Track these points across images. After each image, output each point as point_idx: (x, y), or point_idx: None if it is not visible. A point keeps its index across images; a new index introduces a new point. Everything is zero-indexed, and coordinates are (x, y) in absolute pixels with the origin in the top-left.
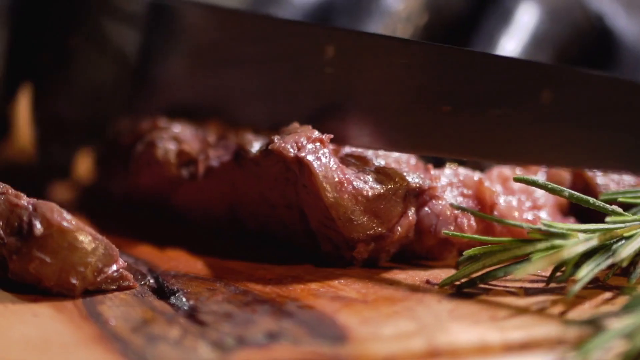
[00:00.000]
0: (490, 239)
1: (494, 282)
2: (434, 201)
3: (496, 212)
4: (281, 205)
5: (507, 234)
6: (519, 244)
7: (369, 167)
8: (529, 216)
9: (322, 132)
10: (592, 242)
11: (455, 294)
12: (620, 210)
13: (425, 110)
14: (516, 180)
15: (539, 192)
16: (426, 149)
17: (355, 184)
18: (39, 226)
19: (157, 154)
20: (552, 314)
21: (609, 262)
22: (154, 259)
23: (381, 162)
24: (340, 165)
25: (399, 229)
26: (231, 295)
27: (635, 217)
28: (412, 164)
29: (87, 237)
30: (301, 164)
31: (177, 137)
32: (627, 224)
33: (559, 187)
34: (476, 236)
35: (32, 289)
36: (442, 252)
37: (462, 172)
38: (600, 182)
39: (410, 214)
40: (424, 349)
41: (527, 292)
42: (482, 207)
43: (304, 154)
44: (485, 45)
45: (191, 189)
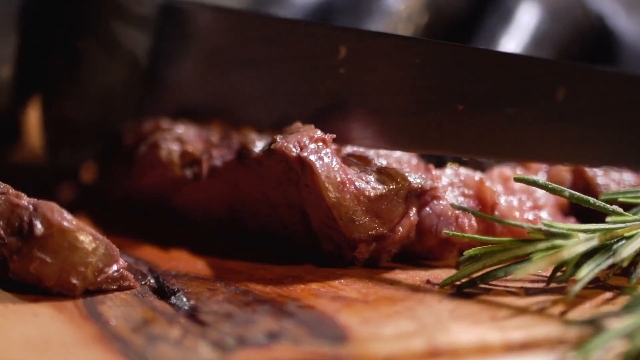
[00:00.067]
0: (490, 239)
1: (494, 282)
2: (435, 201)
3: (497, 212)
4: (283, 205)
5: (507, 234)
6: (519, 244)
7: (370, 167)
8: (530, 216)
9: (332, 132)
10: (593, 242)
11: (455, 293)
12: (620, 210)
13: (439, 109)
14: (517, 180)
15: (540, 192)
16: (439, 149)
17: (357, 184)
18: (39, 226)
19: (160, 155)
20: (552, 314)
21: (610, 262)
22: (154, 259)
23: (383, 162)
24: (342, 165)
25: (401, 229)
26: (232, 295)
27: (635, 217)
28: (413, 164)
29: (87, 237)
30: (303, 164)
31: (180, 137)
32: (628, 224)
33: (560, 187)
34: (477, 236)
35: (33, 289)
36: (442, 252)
37: (463, 172)
38: (600, 182)
39: (411, 214)
40: (424, 349)
41: (528, 292)
42: (483, 207)
43: (306, 153)
44: (486, 44)
45: (193, 189)
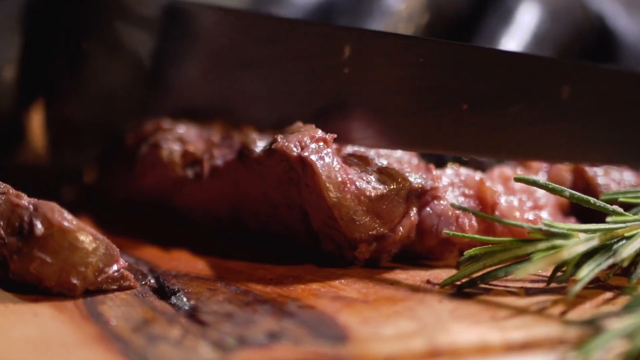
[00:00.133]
0: (491, 239)
1: (494, 282)
2: (435, 201)
3: (497, 212)
4: (283, 204)
5: (508, 234)
6: (519, 244)
7: (371, 167)
8: (530, 216)
9: (333, 132)
10: (593, 242)
11: (456, 294)
12: (621, 210)
13: (442, 108)
14: (517, 180)
15: (540, 192)
16: (443, 148)
17: (358, 184)
18: (39, 226)
19: (162, 155)
20: (552, 314)
21: (610, 262)
22: (154, 259)
23: (383, 162)
24: (343, 165)
25: (401, 229)
26: (232, 295)
27: (636, 217)
28: (414, 164)
29: (87, 237)
30: (304, 164)
31: (181, 137)
32: (628, 224)
33: (560, 187)
34: (477, 236)
35: (33, 289)
36: (443, 252)
37: (463, 172)
38: (601, 182)
39: (412, 214)
40: (424, 349)
41: (528, 292)
42: (484, 207)
43: (307, 153)
44: (486, 44)
45: (194, 189)
